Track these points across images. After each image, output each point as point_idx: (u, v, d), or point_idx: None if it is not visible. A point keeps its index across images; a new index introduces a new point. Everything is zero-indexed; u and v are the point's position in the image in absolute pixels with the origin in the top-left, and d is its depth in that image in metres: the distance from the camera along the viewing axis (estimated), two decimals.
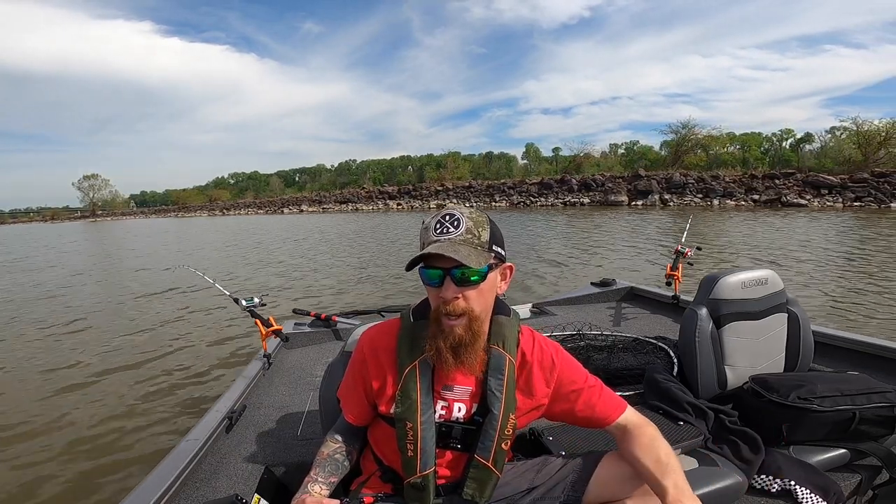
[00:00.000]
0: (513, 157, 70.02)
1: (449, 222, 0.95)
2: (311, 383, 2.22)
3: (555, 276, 7.73)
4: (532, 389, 1.07)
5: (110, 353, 4.80)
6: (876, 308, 5.10)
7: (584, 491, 1.03)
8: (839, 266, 7.59)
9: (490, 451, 1.01)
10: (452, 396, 1.05)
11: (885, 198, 21.25)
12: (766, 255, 8.90)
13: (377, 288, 7.51)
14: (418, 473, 1.01)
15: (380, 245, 13.98)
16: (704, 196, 26.59)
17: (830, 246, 9.87)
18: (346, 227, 22.10)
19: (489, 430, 1.01)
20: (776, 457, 1.42)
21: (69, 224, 57.82)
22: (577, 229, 15.98)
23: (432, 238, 0.95)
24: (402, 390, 1.02)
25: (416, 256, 0.94)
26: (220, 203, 68.31)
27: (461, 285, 0.93)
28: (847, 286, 6.13)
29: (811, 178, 24.43)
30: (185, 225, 36.34)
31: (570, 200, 31.08)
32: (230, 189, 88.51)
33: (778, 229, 13.23)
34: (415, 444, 1.00)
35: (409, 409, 1.01)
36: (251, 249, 14.84)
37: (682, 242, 3.27)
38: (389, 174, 73.41)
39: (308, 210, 47.82)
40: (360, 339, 1.13)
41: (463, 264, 0.89)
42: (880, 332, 4.23)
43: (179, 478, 1.37)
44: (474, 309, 0.95)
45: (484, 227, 0.95)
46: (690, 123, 40.00)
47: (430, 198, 40.11)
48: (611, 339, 2.37)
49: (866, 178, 22.79)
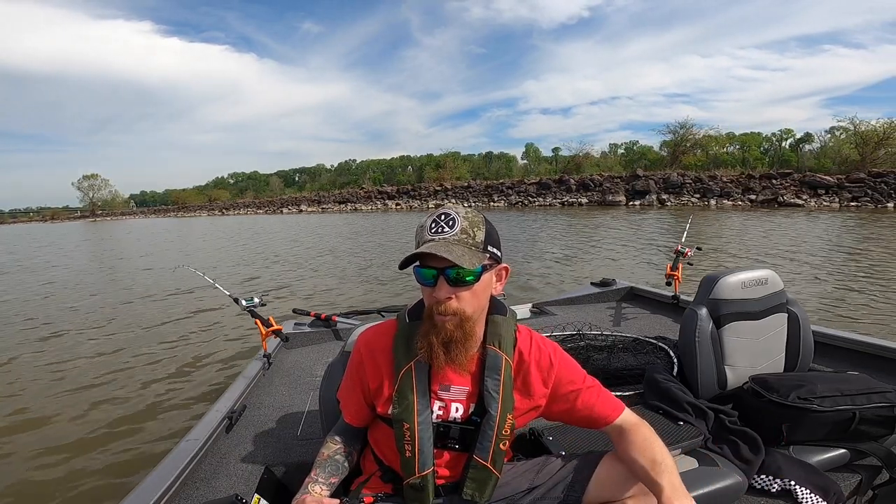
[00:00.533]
0: (512, 158, 70.01)
1: (444, 221, 0.94)
2: (311, 383, 2.22)
3: (547, 277, 7.72)
4: (530, 389, 1.07)
5: (110, 353, 4.79)
6: (869, 306, 5.12)
7: (585, 491, 1.03)
8: (835, 265, 7.62)
9: (488, 451, 1.01)
10: (449, 396, 1.05)
11: (881, 198, 21.35)
12: (760, 254, 8.93)
13: (377, 288, 7.51)
14: (417, 474, 1.01)
15: (380, 245, 13.97)
16: (702, 196, 26.73)
17: (824, 245, 9.91)
18: (345, 229, 22.06)
19: (487, 431, 1.01)
20: (776, 457, 1.43)
21: (69, 224, 57.76)
22: (573, 229, 16.00)
23: (427, 237, 0.94)
24: (399, 391, 1.02)
25: (410, 255, 0.93)
26: (219, 203, 68.40)
27: (454, 285, 0.93)
28: (841, 285, 6.14)
29: (808, 179, 24.55)
30: (184, 225, 36.31)
31: (569, 200, 31.21)
32: (230, 189, 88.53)
33: (769, 230, 13.27)
34: (412, 444, 1.01)
35: (406, 410, 1.01)
36: (247, 250, 14.83)
37: (682, 242, 3.27)
38: (389, 174, 73.33)
39: (307, 210, 47.85)
40: (357, 341, 1.13)
41: (456, 264, 0.89)
42: (875, 329, 4.24)
43: (179, 478, 1.37)
44: (466, 310, 0.95)
45: (479, 228, 0.95)
46: (688, 123, 40.23)
47: (428, 198, 40.23)
48: (611, 339, 2.37)
49: (863, 179, 22.89)
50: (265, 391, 2.15)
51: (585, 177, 33.42)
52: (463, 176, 50.33)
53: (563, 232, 15.37)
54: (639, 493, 0.99)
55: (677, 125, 40.50)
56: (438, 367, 1.00)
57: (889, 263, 7.64)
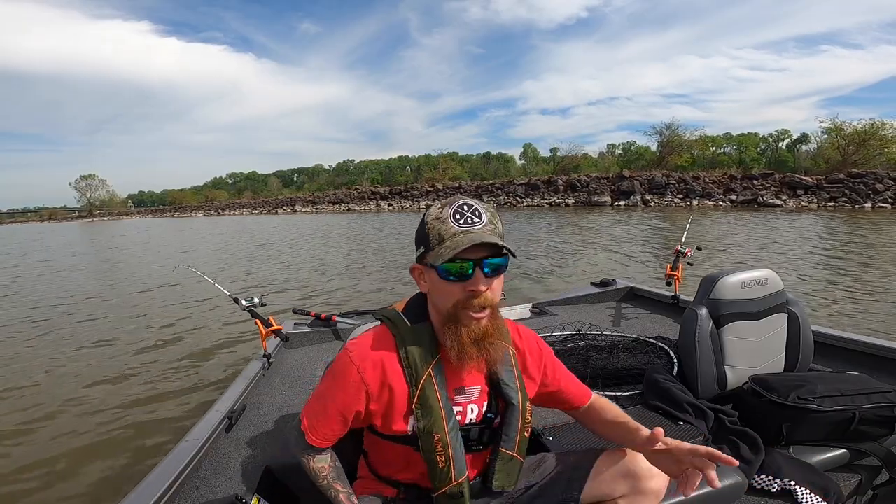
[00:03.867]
0: (511, 158, 70.09)
1: (470, 213, 0.91)
2: (311, 383, 2.21)
3: (534, 279, 7.74)
4: (530, 374, 1.10)
5: (109, 353, 4.78)
6: (831, 304, 5.17)
7: (582, 488, 1.03)
8: (806, 263, 7.78)
9: (514, 441, 1.04)
10: (465, 399, 1.03)
11: (859, 198, 21.53)
12: (739, 253, 9.01)
13: (377, 287, 7.51)
14: (454, 482, 0.99)
15: (373, 246, 13.97)
16: (685, 197, 27.16)
17: (792, 244, 10.08)
18: (337, 230, 22.01)
19: (512, 422, 1.03)
20: (776, 457, 1.43)
21: (66, 224, 57.59)
22: (554, 230, 16.00)
23: (457, 229, 0.89)
24: (421, 402, 0.97)
25: (461, 249, 0.86)
26: (215, 203, 68.42)
27: (492, 275, 0.91)
28: (816, 282, 6.20)
29: (788, 179, 24.95)
30: (178, 225, 36.23)
31: (556, 201, 31.65)
32: (228, 189, 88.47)
33: (751, 229, 13.40)
34: (445, 454, 0.97)
35: (435, 421, 0.97)
36: (241, 253, 14.82)
37: (683, 242, 3.27)
38: (388, 174, 73.34)
39: (301, 210, 47.87)
40: (350, 359, 0.98)
41: (508, 251, 0.90)
42: (836, 323, 4.32)
43: (179, 478, 1.36)
44: (496, 300, 0.94)
45: (498, 218, 0.95)
46: (674, 125, 40.63)
47: (420, 198, 40.54)
48: (611, 339, 2.38)
49: (842, 179, 23.16)
50: (265, 391, 2.15)
51: (574, 178, 33.84)
52: (461, 175, 50.48)
53: (547, 233, 15.36)
54: (636, 491, 1.00)
55: (664, 126, 41.00)
56: (462, 367, 0.98)
57: (849, 260, 7.75)
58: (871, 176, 22.42)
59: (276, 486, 1.49)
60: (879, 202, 20.88)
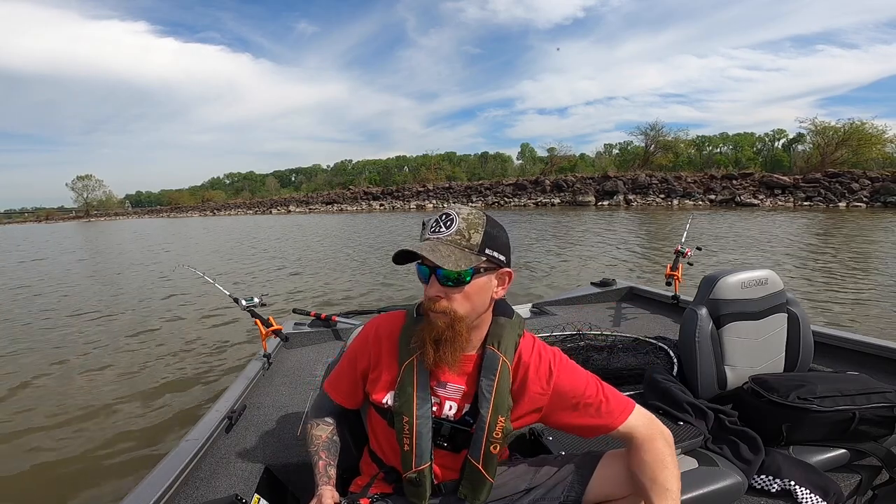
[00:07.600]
0: (508, 158, 70.26)
1: (443, 221, 0.96)
2: (311, 383, 2.21)
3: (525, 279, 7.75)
4: (528, 393, 1.04)
5: (109, 353, 4.76)
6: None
7: (584, 491, 1.03)
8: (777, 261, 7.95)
9: (479, 452, 1.02)
10: (444, 394, 1.05)
11: (834, 197, 21.97)
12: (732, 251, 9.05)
13: (376, 287, 7.50)
14: (414, 468, 1.02)
15: (370, 246, 13.96)
16: (666, 196, 27.58)
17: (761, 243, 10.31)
18: (328, 231, 22.00)
19: (478, 432, 1.01)
20: (776, 457, 1.43)
21: (63, 224, 57.38)
22: (534, 230, 16.02)
23: (426, 236, 0.97)
24: (400, 384, 1.03)
25: (397, 252, 0.96)
26: (211, 203, 68.50)
27: (445, 285, 0.94)
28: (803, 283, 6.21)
29: (766, 179, 25.47)
30: (172, 225, 36.16)
31: (542, 201, 32.08)
32: (226, 189, 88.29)
33: (730, 226, 13.60)
34: (411, 438, 1.01)
35: (406, 404, 1.02)
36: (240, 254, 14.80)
37: (682, 242, 3.27)
38: (385, 174, 73.29)
39: (295, 210, 47.94)
40: (366, 325, 1.15)
41: (437, 265, 0.91)
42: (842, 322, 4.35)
43: (179, 478, 1.36)
44: (457, 310, 0.95)
45: (477, 230, 0.94)
46: (658, 125, 41.16)
47: (411, 199, 40.74)
48: (611, 339, 2.38)
49: (818, 179, 23.57)
50: (265, 391, 2.14)
51: (560, 178, 34.36)
52: (455, 176, 50.55)
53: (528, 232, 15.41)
54: (637, 493, 0.99)
55: (648, 126, 41.52)
56: (428, 364, 1.01)
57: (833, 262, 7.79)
58: (848, 175, 22.89)
59: (276, 486, 1.49)
60: (854, 202, 21.36)
